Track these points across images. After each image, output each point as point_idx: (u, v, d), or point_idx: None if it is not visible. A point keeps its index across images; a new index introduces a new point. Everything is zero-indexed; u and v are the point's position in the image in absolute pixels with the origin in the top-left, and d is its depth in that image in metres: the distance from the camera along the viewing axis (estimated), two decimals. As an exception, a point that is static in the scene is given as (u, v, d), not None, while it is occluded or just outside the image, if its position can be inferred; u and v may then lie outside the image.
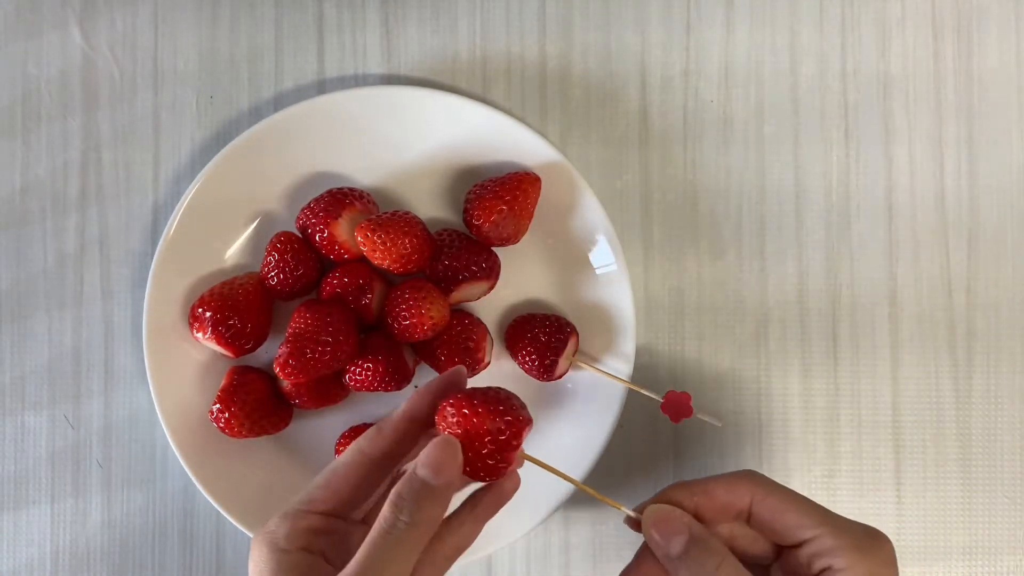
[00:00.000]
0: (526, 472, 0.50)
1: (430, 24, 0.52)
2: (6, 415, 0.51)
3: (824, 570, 0.34)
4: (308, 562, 0.33)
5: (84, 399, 0.51)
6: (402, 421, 0.37)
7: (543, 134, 0.50)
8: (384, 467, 0.36)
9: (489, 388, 0.36)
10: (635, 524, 0.37)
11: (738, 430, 0.52)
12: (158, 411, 0.47)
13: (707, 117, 0.52)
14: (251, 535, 0.48)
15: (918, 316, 0.52)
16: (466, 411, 0.35)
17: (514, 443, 0.35)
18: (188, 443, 0.48)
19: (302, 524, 0.34)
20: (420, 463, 0.33)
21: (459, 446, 0.34)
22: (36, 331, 0.51)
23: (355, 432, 0.49)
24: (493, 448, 0.35)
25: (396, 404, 0.50)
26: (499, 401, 0.35)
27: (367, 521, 0.37)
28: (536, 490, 0.49)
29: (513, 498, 0.49)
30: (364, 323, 0.47)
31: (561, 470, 0.39)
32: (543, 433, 0.50)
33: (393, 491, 0.33)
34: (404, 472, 0.35)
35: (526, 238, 0.49)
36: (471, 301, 0.50)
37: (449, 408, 0.35)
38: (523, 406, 0.36)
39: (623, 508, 0.38)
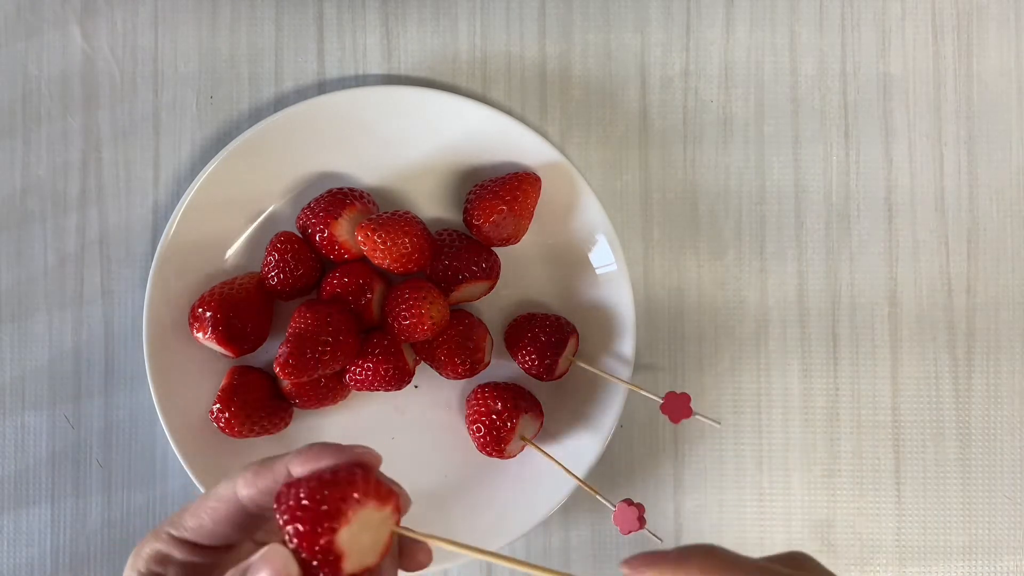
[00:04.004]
0: (527, 471, 0.50)
1: (430, 24, 0.52)
2: (6, 415, 0.51)
3: None
4: None
5: (84, 399, 0.51)
6: (281, 474, 0.31)
7: (543, 134, 0.50)
8: (255, 513, 0.32)
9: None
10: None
11: (738, 430, 0.52)
12: (158, 411, 0.47)
13: (707, 117, 0.52)
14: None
15: (918, 316, 0.52)
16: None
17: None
18: (188, 443, 0.48)
19: (162, 549, 0.32)
20: None
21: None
22: (36, 331, 0.51)
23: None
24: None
25: (396, 404, 0.51)
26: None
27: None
28: (536, 490, 0.49)
29: (514, 497, 0.50)
30: (364, 323, 0.47)
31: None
32: (544, 433, 0.50)
33: None
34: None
35: (526, 238, 0.49)
36: (471, 301, 0.50)
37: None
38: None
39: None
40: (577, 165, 0.50)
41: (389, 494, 0.28)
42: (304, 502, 0.27)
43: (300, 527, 0.27)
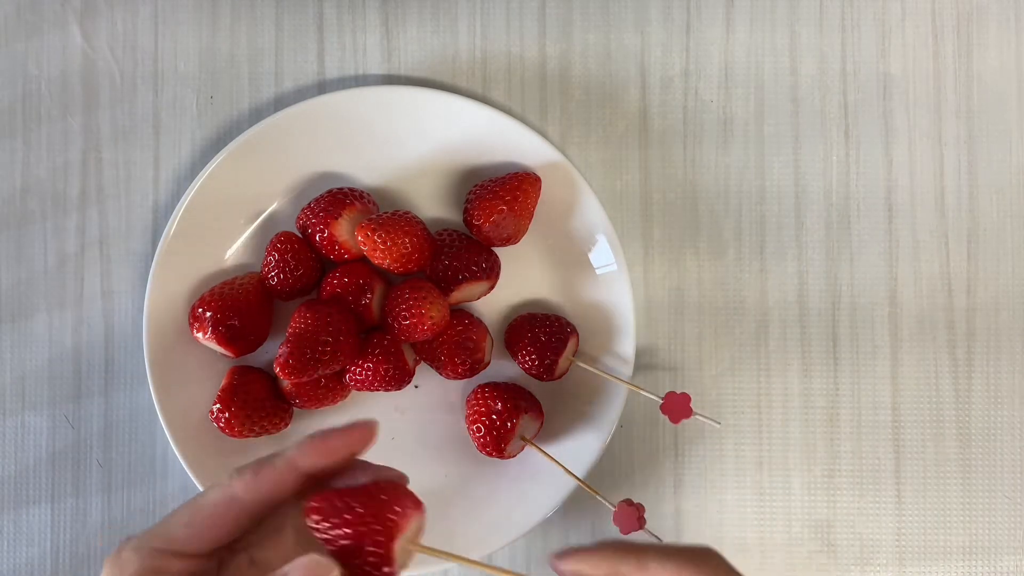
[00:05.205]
0: (527, 471, 0.50)
1: (430, 24, 0.52)
2: (6, 415, 0.51)
3: None
4: None
5: (84, 399, 0.51)
6: (285, 469, 0.32)
7: (543, 134, 0.50)
8: (257, 513, 0.32)
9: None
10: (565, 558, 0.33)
11: (738, 430, 0.52)
12: (158, 411, 0.47)
13: (707, 117, 0.52)
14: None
15: (918, 316, 0.52)
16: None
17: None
18: (188, 443, 0.48)
19: (154, 564, 0.30)
20: None
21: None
22: (36, 331, 0.51)
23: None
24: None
25: (396, 404, 0.51)
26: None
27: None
28: (536, 490, 0.49)
29: (514, 497, 0.50)
30: (364, 323, 0.47)
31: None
32: (544, 433, 0.50)
33: None
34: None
35: (526, 238, 0.49)
36: (471, 301, 0.50)
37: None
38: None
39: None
40: (577, 165, 0.50)
41: (419, 503, 0.32)
42: (371, 521, 0.30)
43: (368, 544, 0.30)
